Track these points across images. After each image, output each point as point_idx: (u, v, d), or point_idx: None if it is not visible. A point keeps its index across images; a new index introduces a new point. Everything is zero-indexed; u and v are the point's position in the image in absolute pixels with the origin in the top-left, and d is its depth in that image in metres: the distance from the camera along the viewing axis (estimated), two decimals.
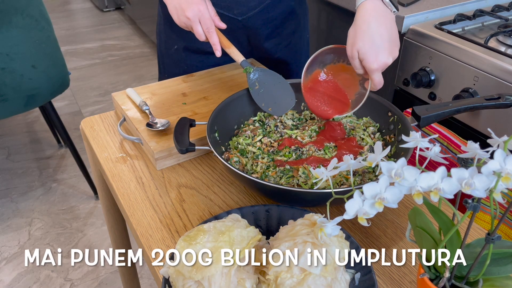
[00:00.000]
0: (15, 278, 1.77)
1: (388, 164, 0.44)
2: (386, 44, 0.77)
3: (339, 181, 0.74)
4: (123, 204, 0.77)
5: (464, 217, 0.44)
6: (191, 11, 0.86)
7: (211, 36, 0.88)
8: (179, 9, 0.87)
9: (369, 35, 0.77)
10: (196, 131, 0.87)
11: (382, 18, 0.77)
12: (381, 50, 0.76)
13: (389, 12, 0.79)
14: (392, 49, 0.78)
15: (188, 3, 0.86)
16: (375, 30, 0.76)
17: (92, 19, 4.34)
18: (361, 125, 0.88)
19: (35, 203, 2.14)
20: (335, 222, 0.51)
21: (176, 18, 0.89)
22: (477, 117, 1.13)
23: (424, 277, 0.50)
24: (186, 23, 0.88)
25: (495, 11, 1.33)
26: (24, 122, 2.77)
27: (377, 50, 0.76)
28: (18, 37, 1.64)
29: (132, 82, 3.21)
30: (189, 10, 0.86)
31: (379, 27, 0.77)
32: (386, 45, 0.77)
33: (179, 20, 0.89)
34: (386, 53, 0.77)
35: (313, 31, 1.66)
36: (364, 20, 0.78)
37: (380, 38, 0.76)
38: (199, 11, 0.86)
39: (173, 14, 0.89)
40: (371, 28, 0.77)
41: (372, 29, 0.76)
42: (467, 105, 0.77)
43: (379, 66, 0.77)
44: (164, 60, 1.21)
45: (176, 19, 0.89)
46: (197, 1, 0.86)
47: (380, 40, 0.76)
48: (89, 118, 1.01)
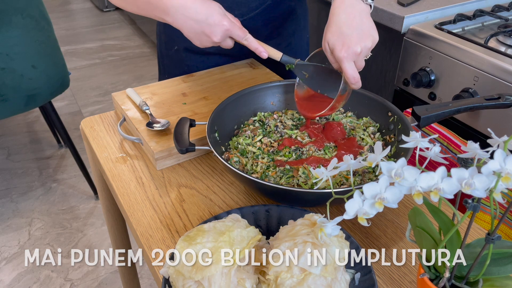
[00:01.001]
0: (15, 278, 1.77)
1: (388, 164, 0.44)
2: (355, 33, 0.75)
3: (339, 181, 0.74)
4: (123, 204, 0.77)
5: (464, 217, 0.44)
6: (218, 34, 0.80)
7: (251, 43, 0.84)
8: (203, 36, 0.81)
9: (337, 25, 0.76)
10: (196, 131, 0.87)
11: (350, 8, 0.77)
12: (348, 38, 0.75)
13: (361, 3, 0.78)
14: (362, 38, 0.76)
15: (211, 28, 0.80)
16: (343, 21, 0.76)
17: (92, 19, 4.34)
18: (361, 125, 0.88)
19: (35, 203, 2.14)
20: (335, 222, 0.51)
21: (199, 44, 0.83)
22: (477, 117, 1.13)
23: (424, 277, 0.50)
24: (214, 45, 0.83)
25: (495, 11, 1.33)
26: (24, 122, 2.77)
27: (344, 39, 0.75)
28: (18, 37, 1.64)
29: (132, 82, 3.21)
30: (216, 35, 0.80)
31: (347, 17, 0.76)
32: (355, 34, 0.75)
33: (203, 45, 0.83)
34: (354, 41, 0.75)
35: (313, 31, 1.66)
36: (333, 12, 0.78)
37: (348, 28, 0.76)
38: (226, 31, 0.81)
39: (195, 40, 0.83)
40: (340, 19, 0.77)
41: (341, 20, 0.77)
42: (467, 105, 0.77)
43: (347, 54, 0.75)
44: (164, 61, 1.21)
45: (198, 44, 0.83)
46: (218, 19, 0.80)
47: (347, 29, 0.76)
48: (89, 118, 1.01)
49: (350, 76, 0.76)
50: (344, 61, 0.75)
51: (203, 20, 0.79)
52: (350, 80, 0.77)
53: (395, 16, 1.27)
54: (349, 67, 0.76)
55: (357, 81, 0.77)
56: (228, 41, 0.84)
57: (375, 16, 1.34)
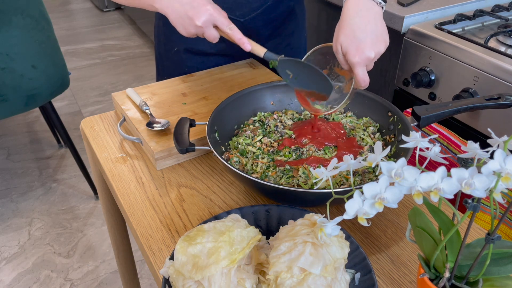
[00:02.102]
0: (15, 278, 1.77)
1: (388, 164, 0.44)
2: (369, 38, 0.75)
3: (339, 181, 0.74)
4: (123, 204, 0.77)
5: (464, 217, 0.44)
6: (201, 17, 0.79)
7: (235, 33, 0.81)
8: (186, 19, 0.80)
9: (351, 29, 0.76)
10: (196, 131, 0.87)
11: (365, 12, 0.76)
12: (362, 44, 0.75)
13: (375, 5, 0.77)
14: (376, 43, 0.76)
15: (195, 10, 0.79)
16: (358, 24, 0.75)
17: (92, 19, 4.34)
18: (361, 125, 0.88)
19: (35, 203, 2.14)
20: (335, 222, 0.51)
21: (183, 29, 0.82)
22: (477, 117, 1.13)
23: (424, 277, 0.50)
24: (197, 31, 0.81)
25: (495, 11, 1.33)
26: (24, 122, 2.77)
27: (358, 44, 0.75)
28: (18, 37, 1.64)
29: (132, 82, 3.21)
30: (198, 18, 0.79)
31: (361, 21, 0.76)
32: (369, 39, 0.75)
33: (187, 31, 0.82)
34: (368, 47, 0.75)
35: (313, 31, 1.66)
36: (347, 15, 0.77)
37: (362, 32, 0.75)
38: (211, 15, 0.79)
39: (178, 25, 0.82)
40: (354, 22, 0.76)
41: (355, 23, 0.76)
42: (467, 105, 0.77)
43: (361, 60, 0.75)
44: (163, 62, 1.21)
45: (182, 30, 0.82)
46: (203, 3, 0.79)
47: (362, 33, 0.75)
48: (89, 118, 1.01)
49: (361, 80, 0.76)
50: (357, 67, 0.75)
51: (187, 2, 0.79)
52: (360, 84, 0.77)
53: (395, 16, 1.27)
54: (362, 71, 0.76)
55: (367, 84, 0.77)
56: (212, 30, 0.81)
57: None
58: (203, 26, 0.80)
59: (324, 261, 0.52)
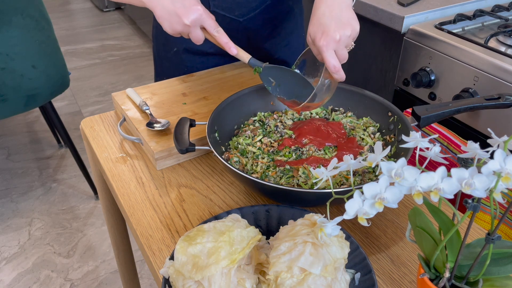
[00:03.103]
0: (15, 278, 1.77)
1: (388, 164, 0.44)
2: (333, 22, 0.76)
3: (339, 181, 0.74)
4: (123, 204, 0.77)
5: (464, 217, 0.44)
6: (190, 16, 0.77)
7: (222, 36, 0.80)
8: (174, 16, 0.78)
9: (317, 17, 0.79)
10: (196, 131, 0.87)
11: (331, 1, 0.79)
12: (327, 27, 0.76)
13: None
14: (341, 26, 0.76)
15: (185, 9, 0.77)
16: (323, 12, 0.78)
17: (92, 19, 4.34)
18: (361, 125, 0.88)
19: (35, 203, 2.14)
20: (335, 222, 0.51)
21: (168, 26, 0.80)
22: (477, 117, 1.13)
23: (424, 277, 0.50)
24: (183, 30, 0.80)
25: (495, 11, 1.33)
26: (24, 122, 2.77)
27: (323, 28, 0.77)
28: (18, 37, 1.64)
29: (132, 82, 3.21)
30: (187, 16, 0.77)
31: (327, 9, 0.78)
32: (333, 22, 0.76)
33: (172, 28, 0.80)
34: (332, 29, 0.76)
35: None
36: (315, 7, 0.81)
37: (327, 18, 0.77)
38: (200, 15, 0.78)
39: (164, 21, 0.79)
40: (320, 11, 0.79)
41: (320, 12, 0.79)
42: (467, 105, 0.77)
43: (326, 42, 0.75)
44: (162, 63, 1.20)
45: (167, 27, 0.80)
46: (194, 3, 0.78)
47: (326, 19, 0.77)
48: (89, 118, 1.01)
49: (331, 65, 0.76)
50: (324, 49, 0.76)
51: (179, 0, 0.79)
52: (331, 69, 0.76)
53: (395, 16, 1.27)
54: (330, 55, 0.76)
55: (338, 70, 0.77)
56: (198, 31, 0.80)
57: (375, 16, 1.34)
58: (190, 25, 0.79)
59: (324, 261, 0.52)
